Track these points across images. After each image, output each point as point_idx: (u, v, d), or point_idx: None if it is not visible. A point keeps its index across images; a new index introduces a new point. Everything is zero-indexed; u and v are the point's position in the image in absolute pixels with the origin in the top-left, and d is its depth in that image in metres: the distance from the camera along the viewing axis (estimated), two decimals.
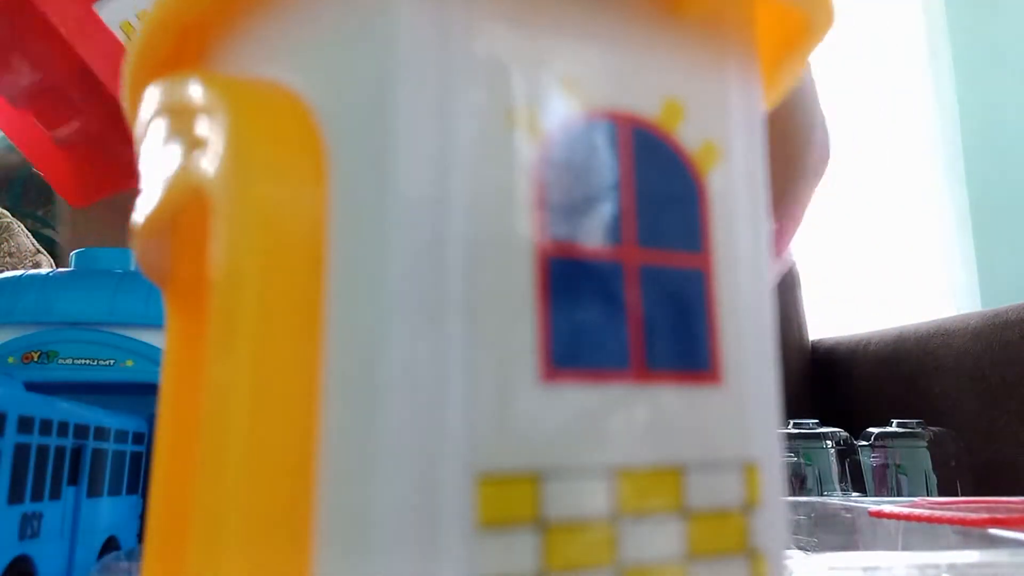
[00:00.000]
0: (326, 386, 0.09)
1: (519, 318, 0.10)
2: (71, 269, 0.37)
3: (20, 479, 0.25)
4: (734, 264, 0.12)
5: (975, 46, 1.59)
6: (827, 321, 1.24)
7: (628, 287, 0.10)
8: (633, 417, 0.10)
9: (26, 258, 0.76)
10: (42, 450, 0.26)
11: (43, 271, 0.37)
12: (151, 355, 0.35)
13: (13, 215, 0.81)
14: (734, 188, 0.12)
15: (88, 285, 0.35)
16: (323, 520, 0.09)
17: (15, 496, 0.24)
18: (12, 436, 0.24)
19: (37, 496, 0.26)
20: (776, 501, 0.11)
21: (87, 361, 0.34)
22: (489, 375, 0.09)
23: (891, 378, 0.98)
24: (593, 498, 0.10)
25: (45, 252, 0.79)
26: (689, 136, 0.12)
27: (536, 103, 0.10)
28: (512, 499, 0.09)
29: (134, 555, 0.23)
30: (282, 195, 0.10)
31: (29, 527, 0.25)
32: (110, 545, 0.31)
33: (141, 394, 0.34)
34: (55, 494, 0.27)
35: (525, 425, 0.09)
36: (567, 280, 0.10)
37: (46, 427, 0.26)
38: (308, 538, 0.09)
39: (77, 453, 0.29)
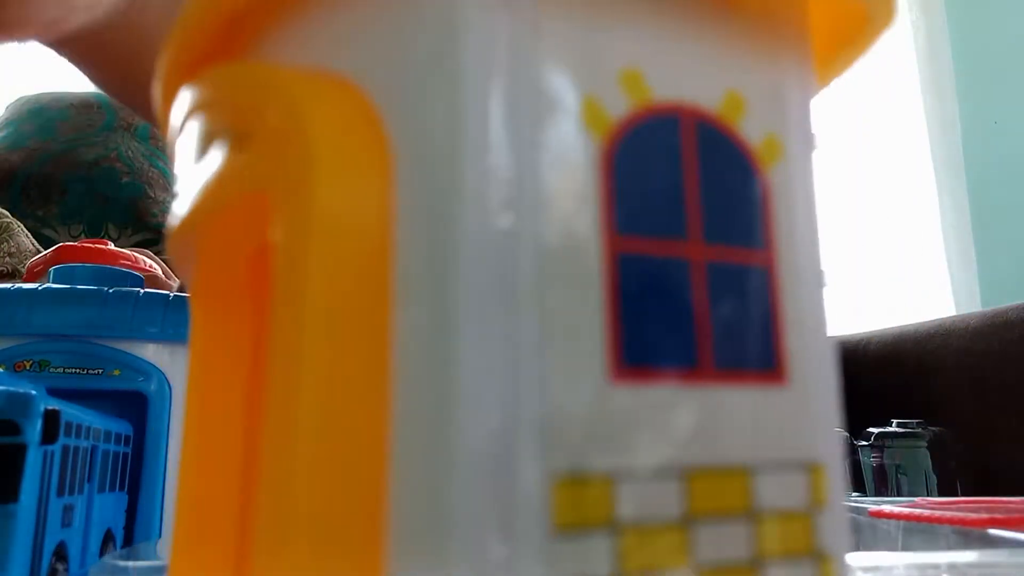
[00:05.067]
0: (396, 386, 0.09)
1: (589, 316, 0.09)
2: (64, 285, 0.38)
3: (63, 475, 0.27)
4: (795, 261, 0.11)
5: (975, 46, 1.59)
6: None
7: (695, 284, 0.10)
8: (701, 417, 0.10)
9: (26, 258, 0.75)
10: (75, 450, 0.29)
11: (35, 285, 0.38)
12: (136, 366, 0.37)
13: (13, 215, 0.80)
14: (793, 183, 0.12)
15: (78, 300, 0.37)
16: (396, 520, 0.09)
17: (60, 489, 0.27)
18: (62, 438, 0.27)
19: (71, 490, 0.29)
20: (839, 502, 0.11)
21: (77, 370, 0.36)
22: (560, 375, 0.09)
23: (891, 378, 0.98)
24: (664, 500, 0.09)
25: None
26: (751, 130, 0.11)
27: (603, 97, 0.10)
28: (587, 501, 0.09)
29: (131, 553, 0.23)
30: (348, 190, 0.10)
31: (67, 517, 0.28)
32: (108, 536, 0.33)
33: (126, 400, 0.36)
34: (80, 489, 0.29)
35: (596, 425, 0.09)
36: (636, 277, 0.10)
37: (77, 430, 0.29)
38: (380, 538, 0.09)
39: (92, 453, 0.31)
